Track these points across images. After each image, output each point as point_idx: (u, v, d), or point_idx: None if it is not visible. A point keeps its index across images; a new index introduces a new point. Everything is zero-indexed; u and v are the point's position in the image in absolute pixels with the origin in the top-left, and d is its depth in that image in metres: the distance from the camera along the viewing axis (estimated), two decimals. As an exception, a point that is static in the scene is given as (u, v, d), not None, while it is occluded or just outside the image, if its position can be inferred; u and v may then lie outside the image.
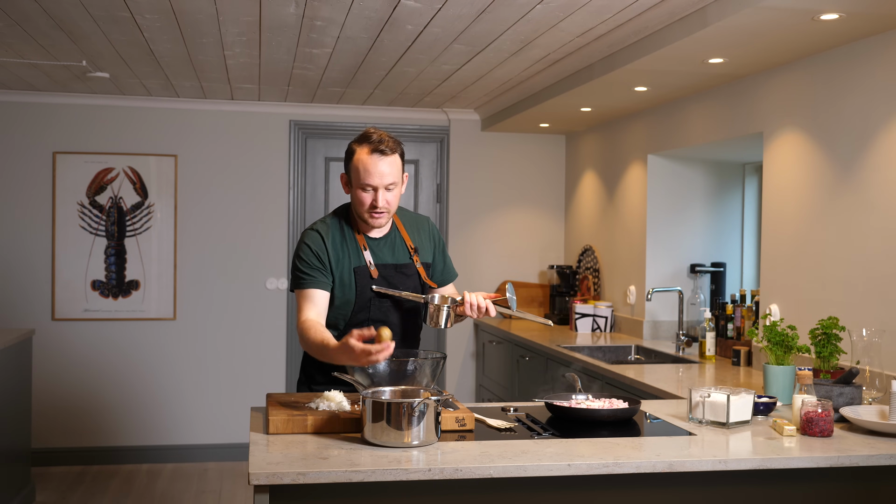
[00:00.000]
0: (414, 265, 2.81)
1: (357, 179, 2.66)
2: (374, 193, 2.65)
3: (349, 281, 2.73)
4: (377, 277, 2.75)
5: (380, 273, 2.75)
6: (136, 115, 5.73)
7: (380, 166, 2.63)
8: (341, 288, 2.73)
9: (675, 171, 5.01)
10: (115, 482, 5.33)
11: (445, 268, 2.94)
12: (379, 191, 2.65)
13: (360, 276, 2.73)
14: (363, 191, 2.66)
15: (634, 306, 5.15)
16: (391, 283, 2.77)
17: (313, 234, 2.75)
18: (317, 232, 2.75)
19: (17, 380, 4.62)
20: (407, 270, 2.80)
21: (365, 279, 2.73)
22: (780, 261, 3.77)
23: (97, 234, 5.67)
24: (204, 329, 5.83)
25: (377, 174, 2.63)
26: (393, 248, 2.81)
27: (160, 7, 3.49)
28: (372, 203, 2.66)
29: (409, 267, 2.80)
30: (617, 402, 2.72)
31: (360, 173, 2.65)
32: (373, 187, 2.65)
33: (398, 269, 2.79)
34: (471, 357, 6.16)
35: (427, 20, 3.60)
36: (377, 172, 2.63)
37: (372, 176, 2.63)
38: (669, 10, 3.31)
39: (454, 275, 2.98)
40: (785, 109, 3.74)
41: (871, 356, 2.86)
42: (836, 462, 2.27)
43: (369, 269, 2.74)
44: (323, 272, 2.70)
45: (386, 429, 2.21)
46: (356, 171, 2.66)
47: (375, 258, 2.76)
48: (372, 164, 2.63)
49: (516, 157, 6.25)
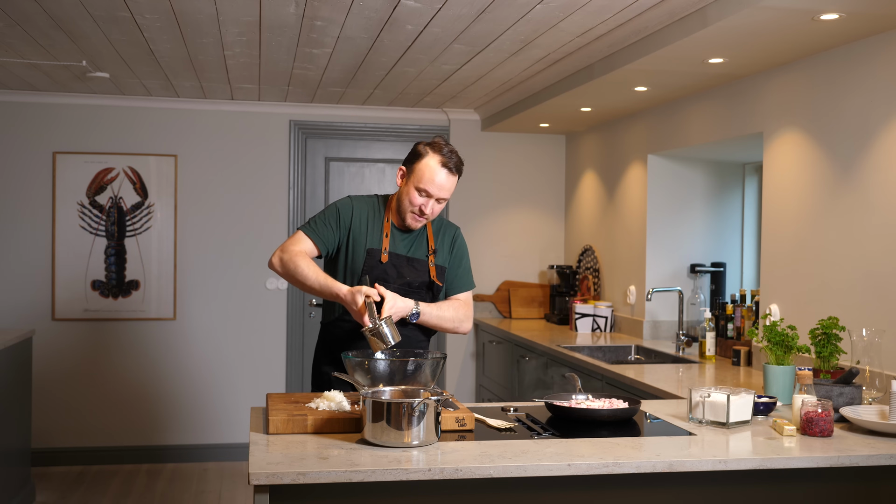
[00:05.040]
0: (427, 262, 2.92)
1: (418, 182, 2.83)
2: (427, 200, 2.84)
3: (360, 257, 2.87)
4: (385, 263, 2.87)
5: (390, 260, 2.87)
6: (136, 115, 5.73)
7: (444, 181, 2.83)
8: (352, 258, 2.88)
9: (675, 171, 5.01)
10: (115, 482, 5.33)
11: (457, 278, 2.99)
12: (431, 200, 2.84)
13: (370, 258, 2.87)
14: (419, 194, 2.83)
15: (634, 306, 5.15)
16: (400, 272, 2.88)
17: (346, 200, 2.95)
18: (350, 200, 2.95)
19: (17, 380, 4.62)
20: (418, 265, 2.91)
21: (374, 261, 2.86)
22: (780, 261, 3.77)
23: (97, 234, 5.67)
24: (204, 329, 5.83)
25: (438, 186, 2.82)
26: (413, 242, 2.94)
27: (160, 7, 3.49)
28: (421, 208, 2.84)
29: (421, 262, 2.91)
30: (617, 402, 2.72)
31: (423, 178, 2.82)
32: (429, 194, 2.83)
33: (410, 261, 2.90)
34: (471, 357, 6.16)
35: (427, 20, 3.60)
36: (439, 185, 2.82)
37: (433, 186, 2.81)
38: (669, 10, 3.31)
39: (465, 286, 3.00)
40: (785, 109, 3.74)
41: (871, 356, 2.86)
42: (836, 462, 2.27)
43: (381, 254, 2.87)
44: (333, 232, 2.88)
45: (386, 429, 2.21)
46: (420, 174, 2.82)
47: (393, 246, 2.90)
48: (438, 175, 2.81)
49: (516, 157, 6.25)
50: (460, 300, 2.97)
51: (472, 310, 2.99)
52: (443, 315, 2.87)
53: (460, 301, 2.96)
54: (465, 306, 2.96)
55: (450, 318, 2.89)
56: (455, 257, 2.99)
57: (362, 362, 2.53)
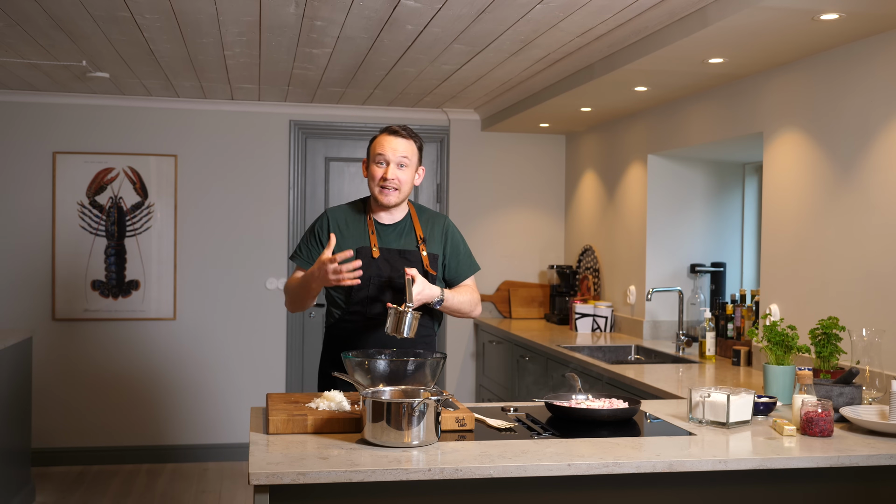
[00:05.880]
0: (419, 252, 2.96)
1: (372, 155, 2.91)
2: (385, 168, 2.88)
3: None
4: (378, 258, 2.90)
5: (381, 255, 2.92)
6: (136, 115, 5.73)
7: (393, 142, 2.89)
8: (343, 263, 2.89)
9: (675, 171, 5.01)
10: (115, 482, 5.33)
11: (460, 265, 3.06)
12: (391, 165, 2.87)
13: (361, 256, 2.90)
14: (376, 165, 2.90)
15: (634, 306, 5.15)
16: (393, 265, 2.91)
17: (322, 215, 3.03)
18: (325, 213, 3.03)
19: (17, 380, 4.62)
20: (410, 256, 2.95)
21: (366, 259, 2.89)
22: (780, 261, 3.77)
23: (97, 234, 5.67)
24: (204, 329, 5.83)
25: (390, 148, 2.88)
26: (401, 235, 2.99)
27: (160, 7, 3.49)
28: (383, 176, 2.87)
29: (413, 253, 2.95)
30: (617, 402, 2.72)
31: (374, 149, 2.91)
32: (385, 160, 2.88)
33: (402, 254, 2.94)
34: (471, 357, 6.16)
35: (427, 20, 3.60)
36: (390, 147, 2.88)
37: (385, 149, 2.88)
38: (669, 10, 3.31)
39: (469, 270, 3.09)
40: (785, 109, 3.74)
41: (871, 356, 2.86)
42: (836, 462, 2.27)
43: (371, 251, 2.91)
44: (319, 250, 2.96)
45: (386, 429, 2.21)
46: (372, 150, 2.92)
47: (381, 242, 2.94)
48: (386, 140, 2.89)
49: (516, 157, 6.25)
50: (469, 285, 3.06)
51: (478, 293, 3.10)
52: (462, 300, 2.98)
53: (470, 286, 3.06)
54: (475, 290, 3.07)
55: (467, 302, 3.00)
56: (451, 246, 3.04)
57: (362, 362, 2.53)
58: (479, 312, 3.08)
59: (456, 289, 3.01)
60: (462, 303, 2.97)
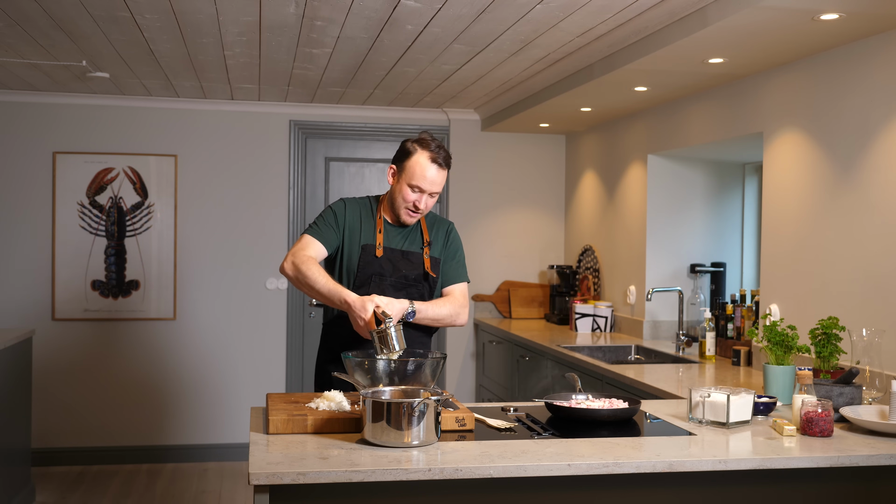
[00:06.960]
0: (422, 255, 2.98)
1: (410, 178, 2.91)
2: (420, 195, 2.91)
3: (356, 255, 2.95)
4: (381, 258, 2.93)
5: (385, 255, 2.94)
6: (136, 115, 5.73)
7: (435, 175, 2.92)
8: (348, 257, 2.96)
9: (675, 171, 5.01)
10: (115, 482, 5.33)
11: (450, 270, 3.05)
12: (424, 195, 2.92)
13: (366, 253, 2.94)
14: (411, 190, 2.91)
15: (634, 306, 5.15)
16: (395, 266, 2.94)
17: (339, 202, 3.04)
18: (343, 201, 3.04)
19: (17, 380, 4.62)
20: (413, 258, 2.97)
21: (369, 257, 2.93)
22: (780, 261, 3.77)
23: (97, 234, 5.67)
24: (204, 329, 5.83)
25: (429, 181, 2.90)
26: (407, 237, 3.01)
27: (160, 7, 3.49)
28: (415, 203, 2.92)
29: (416, 255, 2.98)
30: (617, 402, 2.72)
31: (415, 175, 2.90)
32: (421, 190, 2.91)
33: (405, 255, 2.96)
34: (471, 357, 6.16)
35: (427, 20, 3.60)
36: (430, 180, 2.90)
37: (425, 181, 2.90)
38: (669, 10, 3.31)
39: (458, 279, 3.05)
40: (785, 109, 3.74)
41: (871, 356, 2.86)
42: (836, 462, 2.27)
43: (375, 249, 2.94)
44: (335, 232, 2.96)
45: (386, 429, 2.21)
46: (411, 171, 2.91)
47: (387, 241, 2.97)
48: (429, 171, 2.90)
49: (516, 157, 6.25)
50: (454, 294, 3.02)
51: (467, 301, 3.04)
52: (438, 311, 2.92)
53: (454, 295, 3.02)
54: (460, 298, 3.01)
55: (446, 314, 2.95)
56: (449, 250, 3.06)
57: (362, 362, 2.53)
58: (464, 322, 3.01)
59: (435, 300, 2.96)
60: (439, 314, 2.91)
